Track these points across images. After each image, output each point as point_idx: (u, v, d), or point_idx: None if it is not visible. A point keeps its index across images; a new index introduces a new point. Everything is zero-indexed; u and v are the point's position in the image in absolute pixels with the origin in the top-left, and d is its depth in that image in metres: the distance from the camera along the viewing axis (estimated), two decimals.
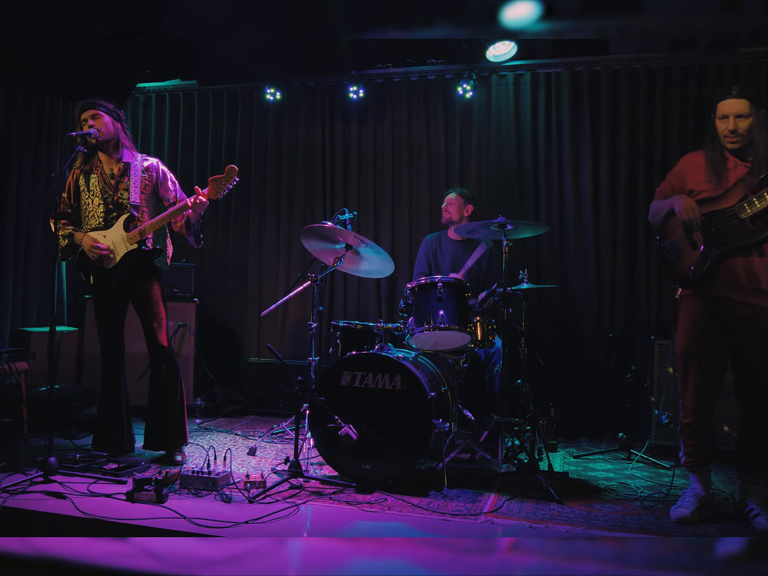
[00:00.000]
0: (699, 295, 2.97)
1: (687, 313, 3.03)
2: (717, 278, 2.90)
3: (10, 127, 5.03)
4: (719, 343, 2.96)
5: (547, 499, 3.13)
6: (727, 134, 2.91)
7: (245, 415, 5.17)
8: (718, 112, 2.94)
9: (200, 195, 3.50)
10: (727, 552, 2.40)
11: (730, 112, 2.89)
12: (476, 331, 3.63)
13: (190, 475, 3.13)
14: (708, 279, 2.91)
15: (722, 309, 2.92)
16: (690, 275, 2.94)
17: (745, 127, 2.88)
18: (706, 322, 2.96)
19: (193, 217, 3.64)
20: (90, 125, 3.56)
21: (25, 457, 3.62)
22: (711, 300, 2.94)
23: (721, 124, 2.93)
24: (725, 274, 2.89)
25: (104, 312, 3.77)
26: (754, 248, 2.85)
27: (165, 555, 2.36)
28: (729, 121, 2.89)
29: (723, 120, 2.92)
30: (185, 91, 5.91)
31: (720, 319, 2.93)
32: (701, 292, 2.96)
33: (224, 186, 3.50)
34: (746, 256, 2.86)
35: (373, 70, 5.40)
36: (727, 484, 3.48)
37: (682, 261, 2.99)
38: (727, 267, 2.89)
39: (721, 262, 2.89)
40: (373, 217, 5.48)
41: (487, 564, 2.37)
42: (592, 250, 4.95)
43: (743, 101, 2.88)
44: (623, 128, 4.92)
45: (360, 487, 3.21)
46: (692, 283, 2.96)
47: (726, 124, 2.90)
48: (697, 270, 2.92)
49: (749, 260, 2.86)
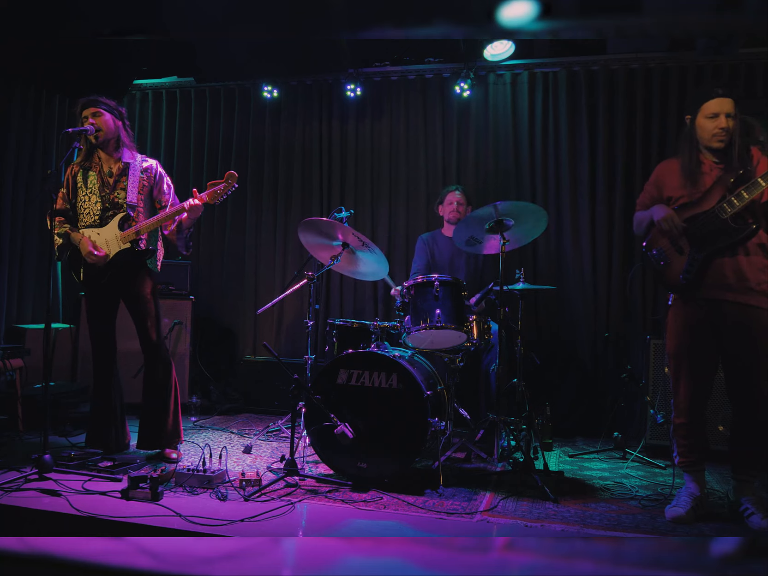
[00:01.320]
0: (689, 298, 3.00)
1: (677, 315, 3.05)
2: (706, 280, 2.92)
3: (6, 124, 5.02)
4: (709, 344, 2.98)
5: (542, 498, 3.14)
6: (717, 132, 2.92)
7: (241, 413, 5.17)
8: (704, 111, 2.95)
9: (196, 198, 3.48)
10: (722, 551, 2.41)
11: (720, 111, 2.91)
12: (472, 330, 3.64)
13: (186, 473, 3.12)
14: (697, 282, 2.93)
15: (712, 310, 2.94)
16: (681, 280, 2.97)
17: (732, 126, 2.91)
18: (696, 324, 2.98)
19: (186, 222, 3.62)
20: (90, 123, 3.55)
21: (20, 454, 3.61)
22: (701, 302, 2.96)
23: (709, 123, 2.94)
24: (713, 275, 2.91)
25: (95, 310, 3.75)
26: (739, 247, 2.88)
27: (160, 553, 2.36)
28: (720, 119, 2.91)
29: (712, 119, 2.93)
30: (182, 88, 5.90)
31: (710, 320, 2.95)
32: (691, 295, 2.98)
33: (223, 192, 3.51)
34: (732, 255, 2.89)
35: (370, 69, 5.40)
36: (721, 484, 3.49)
37: (672, 267, 3.02)
38: (715, 268, 2.91)
39: (708, 264, 2.91)
40: (370, 216, 5.48)
41: (483, 563, 2.37)
42: (588, 250, 4.96)
43: (730, 100, 2.92)
44: (620, 128, 4.93)
45: (356, 486, 3.21)
46: (683, 288, 2.98)
47: (716, 123, 2.92)
48: (687, 275, 2.94)
49: (736, 260, 2.88)
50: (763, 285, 2.86)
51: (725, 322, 2.92)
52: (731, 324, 2.91)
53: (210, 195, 3.51)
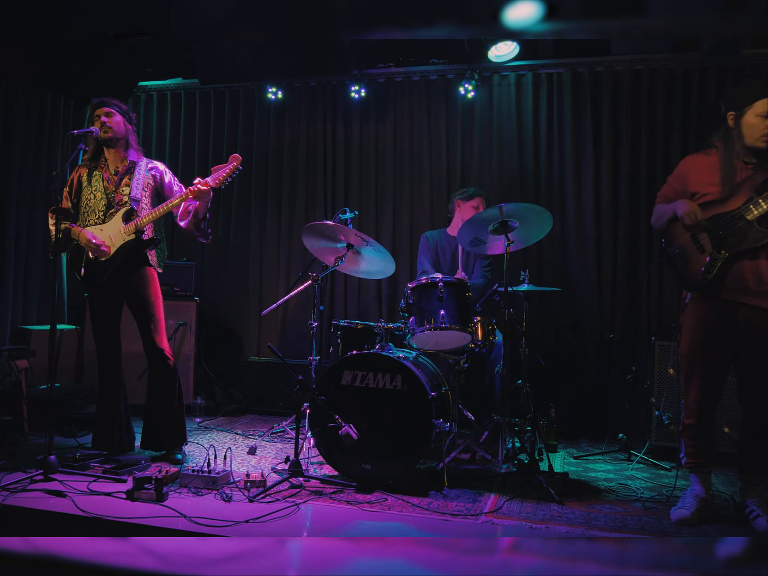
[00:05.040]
0: (706, 299, 2.96)
1: (693, 315, 3.01)
2: (725, 281, 2.88)
3: (11, 125, 5.03)
4: (723, 346, 2.95)
5: (547, 499, 3.13)
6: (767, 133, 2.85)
7: (245, 414, 5.17)
8: (755, 109, 2.86)
9: (200, 183, 3.46)
10: (727, 553, 2.40)
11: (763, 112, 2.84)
12: (477, 331, 3.63)
13: (190, 474, 3.13)
14: (716, 282, 2.89)
15: (728, 312, 2.90)
16: (700, 279, 2.92)
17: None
18: (713, 325, 2.94)
19: (200, 209, 3.60)
20: (103, 121, 3.59)
21: (25, 455, 3.61)
22: (718, 303, 2.92)
23: (759, 122, 2.85)
24: (733, 277, 2.87)
25: (99, 311, 3.75)
26: (761, 251, 2.83)
27: (165, 554, 2.36)
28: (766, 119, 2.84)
29: (763, 118, 2.84)
30: (187, 90, 5.91)
31: (726, 322, 2.92)
32: (709, 295, 2.94)
33: (228, 175, 3.48)
34: (754, 258, 2.84)
35: (374, 70, 5.40)
36: (727, 486, 3.47)
37: (692, 265, 2.96)
38: (735, 270, 2.87)
39: (729, 266, 2.87)
40: (374, 217, 5.48)
41: (487, 564, 2.37)
42: (593, 251, 4.95)
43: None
44: (625, 129, 4.91)
45: (360, 487, 3.20)
46: (702, 287, 2.93)
47: (766, 122, 2.84)
48: (707, 274, 2.89)
49: (756, 263, 2.84)
50: None
51: (741, 324, 2.89)
52: (747, 327, 2.88)
53: (215, 179, 3.49)
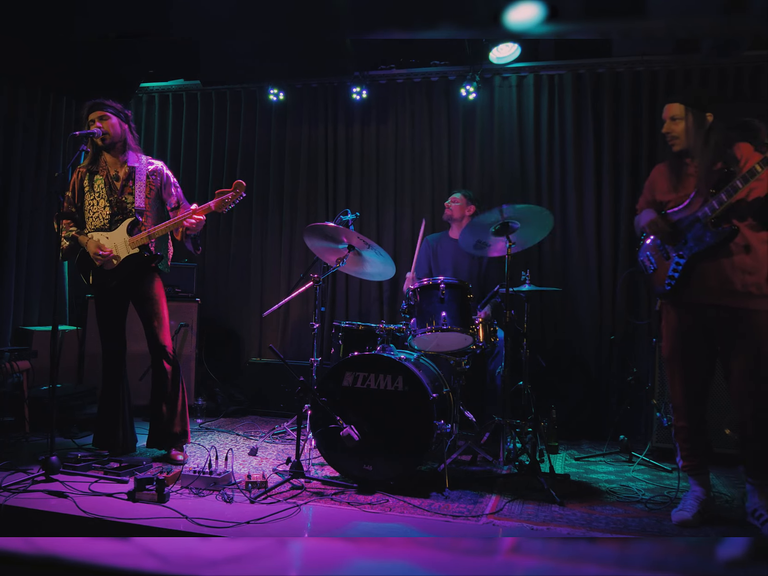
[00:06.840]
0: (675, 304, 3.00)
1: (667, 320, 3.05)
2: (690, 285, 2.91)
3: (13, 126, 5.04)
4: (701, 348, 2.97)
5: (548, 501, 3.13)
6: (668, 137, 2.99)
7: (246, 415, 5.18)
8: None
9: (199, 212, 3.52)
10: (728, 554, 2.40)
11: (665, 116, 2.99)
12: (478, 333, 3.63)
13: (192, 475, 3.13)
14: (682, 287, 2.92)
15: (698, 315, 2.93)
16: (665, 286, 2.97)
17: (679, 130, 2.95)
18: (686, 329, 2.97)
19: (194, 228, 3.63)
20: (97, 126, 3.57)
21: (27, 455, 3.62)
22: (687, 306, 2.95)
23: (666, 127, 3.01)
24: (697, 279, 2.89)
25: (105, 312, 3.77)
26: (720, 249, 2.84)
27: (166, 555, 2.36)
28: (666, 124, 2.99)
29: (668, 122, 2.99)
30: (188, 91, 5.92)
31: (699, 324, 2.94)
32: (676, 300, 2.98)
33: (230, 201, 3.54)
34: (715, 258, 2.85)
35: (376, 71, 5.41)
36: (728, 487, 3.47)
37: (658, 272, 3.02)
38: (698, 273, 2.89)
39: (691, 269, 2.90)
40: (376, 218, 5.49)
41: (489, 565, 2.37)
42: (594, 252, 4.95)
43: (677, 105, 2.95)
44: (626, 130, 4.92)
45: (361, 488, 3.21)
46: (668, 293, 2.98)
47: (664, 127, 3.00)
48: (671, 280, 2.94)
49: (718, 262, 2.85)
50: (750, 287, 2.81)
51: (712, 326, 2.91)
52: (720, 328, 2.90)
53: (217, 203, 3.54)
